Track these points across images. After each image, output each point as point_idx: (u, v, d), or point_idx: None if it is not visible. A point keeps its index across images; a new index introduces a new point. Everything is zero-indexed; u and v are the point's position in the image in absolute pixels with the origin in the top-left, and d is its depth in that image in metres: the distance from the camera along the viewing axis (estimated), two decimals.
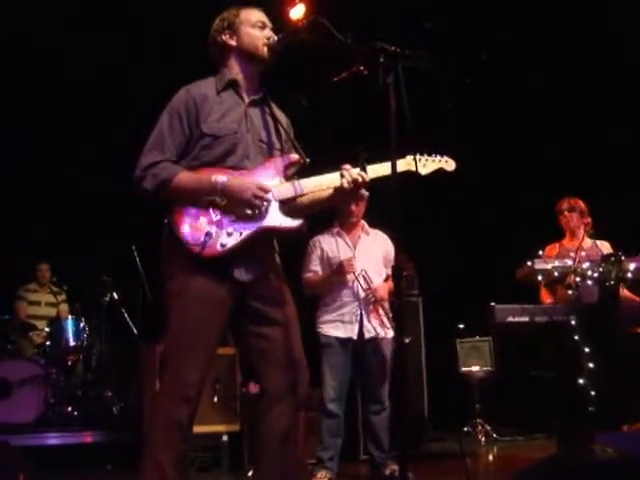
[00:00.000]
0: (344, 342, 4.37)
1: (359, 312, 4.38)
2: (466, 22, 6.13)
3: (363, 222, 4.61)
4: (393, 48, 2.37)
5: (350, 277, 4.38)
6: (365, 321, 4.38)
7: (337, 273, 4.37)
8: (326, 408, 4.32)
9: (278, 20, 2.83)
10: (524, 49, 6.40)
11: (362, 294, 4.39)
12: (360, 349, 4.40)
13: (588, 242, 4.91)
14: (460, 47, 6.06)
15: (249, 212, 2.54)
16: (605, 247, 4.88)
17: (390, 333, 4.40)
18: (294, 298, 2.75)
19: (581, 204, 4.98)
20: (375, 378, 4.41)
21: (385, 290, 4.46)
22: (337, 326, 4.38)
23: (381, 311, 4.38)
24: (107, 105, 6.24)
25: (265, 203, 2.56)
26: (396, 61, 2.35)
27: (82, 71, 6.14)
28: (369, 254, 4.50)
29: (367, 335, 4.37)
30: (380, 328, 4.40)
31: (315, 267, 4.51)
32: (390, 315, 4.33)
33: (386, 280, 4.52)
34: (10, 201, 6.67)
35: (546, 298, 4.94)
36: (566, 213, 4.95)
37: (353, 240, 4.54)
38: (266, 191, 2.56)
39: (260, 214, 2.56)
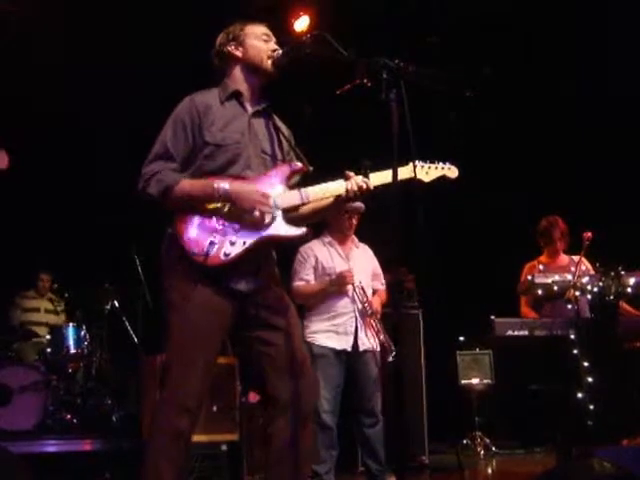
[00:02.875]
0: (338, 353, 4.32)
1: (354, 324, 4.34)
2: (469, 36, 6.17)
3: (353, 235, 4.58)
4: (396, 63, 2.39)
5: (348, 288, 4.36)
6: (360, 333, 4.34)
7: (336, 284, 4.33)
8: (320, 420, 4.22)
9: (282, 32, 2.87)
10: (526, 61, 6.45)
11: (360, 306, 4.37)
12: (353, 361, 4.36)
13: (565, 258, 4.93)
14: (463, 61, 6.09)
15: (253, 217, 2.55)
16: (582, 262, 4.87)
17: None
18: None
19: (564, 226, 5.02)
20: (369, 391, 4.37)
21: (378, 303, 4.47)
22: (331, 336, 4.32)
23: (373, 324, 4.38)
24: (109, 108, 6.27)
25: (268, 209, 2.57)
26: (399, 76, 2.37)
27: (84, 73, 6.16)
28: (361, 267, 4.48)
29: (362, 347, 4.34)
30: (374, 340, 4.39)
31: (308, 276, 4.43)
32: (381, 328, 4.33)
33: (374, 294, 4.53)
34: (12, 207, 6.68)
35: (528, 314, 4.94)
36: (559, 243, 4.99)
37: (345, 252, 4.50)
38: (267, 198, 2.58)
39: (263, 220, 2.57)
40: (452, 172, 2.94)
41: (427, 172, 2.86)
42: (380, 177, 2.71)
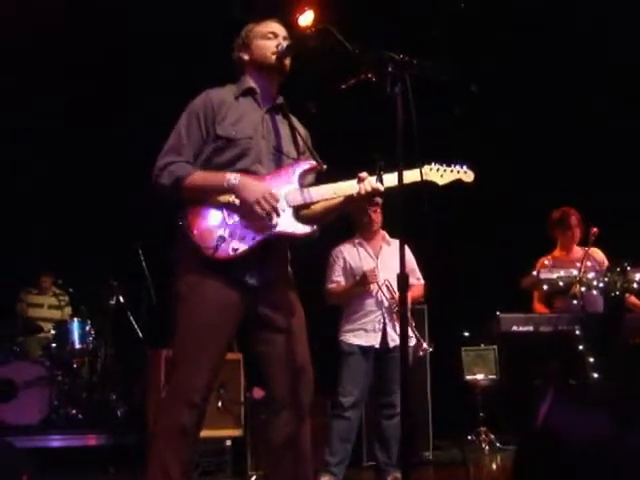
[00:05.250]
0: (366, 350, 4.40)
1: (382, 321, 4.41)
2: (471, 29, 6.14)
3: (384, 232, 4.65)
4: (401, 57, 2.38)
5: (374, 287, 4.42)
6: (389, 330, 4.41)
7: (361, 284, 4.39)
8: (343, 414, 4.32)
9: (287, 27, 2.86)
10: (528, 55, 6.42)
11: (386, 303, 4.42)
12: (383, 357, 4.42)
13: (579, 250, 4.90)
14: (466, 55, 6.07)
15: (256, 215, 2.53)
16: (595, 253, 4.86)
17: (412, 340, 4.43)
18: (315, 308, 2.75)
19: (579, 214, 4.99)
20: (393, 383, 4.38)
21: (408, 299, 4.48)
22: (360, 335, 4.42)
23: None
24: (110, 102, 6.26)
25: (274, 210, 2.55)
26: (404, 70, 2.36)
27: (84, 70, 6.14)
28: (391, 264, 4.48)
29: (392, 344, 4.39)
30: None
31: (338, 278, 4.55)
32: (413, 324, 4.36)
33: (409, 289, 4.54)
34: (16, 202, 6.69)
35: (540, 309, 4.92)
36: (576, 230, 4.95)
37: (375, 250, 4.58)
38: (276, 199, 2.56)
39: (270, 219, 2.55)
40: (468, 176, 2.87)
41: (442, 175, 2.80)
42: (393, 178, 2.61)
